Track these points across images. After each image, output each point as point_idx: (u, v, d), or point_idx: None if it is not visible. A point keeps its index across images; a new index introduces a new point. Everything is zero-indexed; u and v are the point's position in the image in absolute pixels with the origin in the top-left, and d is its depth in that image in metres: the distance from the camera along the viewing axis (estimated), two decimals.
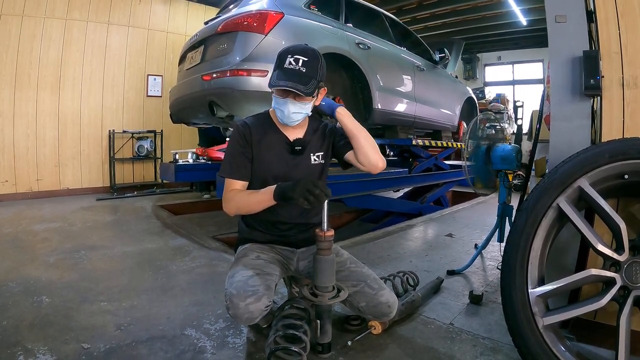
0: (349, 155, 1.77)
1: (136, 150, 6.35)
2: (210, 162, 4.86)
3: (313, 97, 1.66)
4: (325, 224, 1.55)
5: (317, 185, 1.47)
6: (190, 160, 4.89)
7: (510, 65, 10.98)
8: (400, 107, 4.25)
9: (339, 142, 1.81)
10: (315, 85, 1.62)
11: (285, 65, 1.58)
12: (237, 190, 1.69)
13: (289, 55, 1.59)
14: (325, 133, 1.85)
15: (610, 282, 1.32)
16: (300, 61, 1.59)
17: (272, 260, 1.73)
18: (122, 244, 3.24)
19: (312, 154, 1.80)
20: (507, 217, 2.64)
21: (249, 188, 1.73)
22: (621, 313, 1.28)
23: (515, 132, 8.53)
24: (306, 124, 1.81)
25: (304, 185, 1.46)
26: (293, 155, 1.76)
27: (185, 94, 3.53)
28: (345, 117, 1.71)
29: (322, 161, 1.82)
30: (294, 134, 1.78)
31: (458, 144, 5.64)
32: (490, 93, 10.28)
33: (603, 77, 1.63)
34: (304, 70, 1.59)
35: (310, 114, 1.73)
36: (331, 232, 1.55)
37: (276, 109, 1.68)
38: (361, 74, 3.64)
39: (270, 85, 1.59)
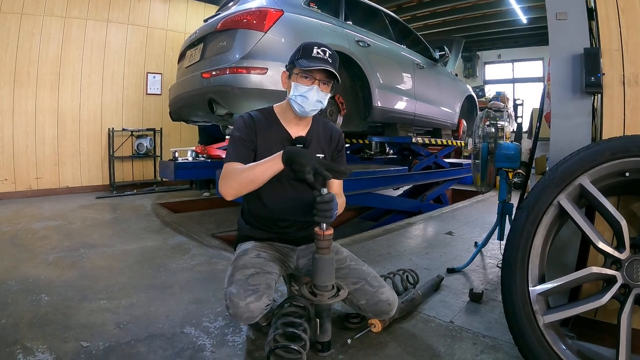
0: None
1: (136, 148, 6.34)
2: (209, 160, 4.86)
3: (332, 89, 1.73)
4: (324, 224, 1.53)
5: (330, 167, 1.48)
6: (190, 158, 4.89)
7: (510, 64, 10.99)
8: (400, 104, 4.25)
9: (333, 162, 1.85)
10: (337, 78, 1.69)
11: (313, 54, 1.63)
12: (236, 166, 1.62)
13: (315, 47, 1.65)
14: (332, 139, 1.87)
15: (611, 280, 1.32)
16: (327, 53, 1.66)
17: (272, 258, 1.72)
18: (121, 242, 3.23)
19: (314, 154, 1.78)
20: (507, 215, 2.64)
21: None
22: (622, 311, 1.28)
23: (515, 130, 8.52)
24: (310, 122, 1.82)
25: (318, 160, 1.47)
26: None
27: (185, 92, 3.52)
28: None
29: None
30: (297, 131, 1.78)
31: (458, 142, 5.64)
32: (490, 91, 10.29)
33: (604, 74, 1.63)
34: (331, 61, 1.65)
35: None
36: (330, 231, 1.53)
37: (296, 97, 1.67)
38: (361, 71, 3.63)
39: (302, 66, 1.61)
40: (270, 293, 1.52)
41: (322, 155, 1.81)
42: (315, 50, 1.64)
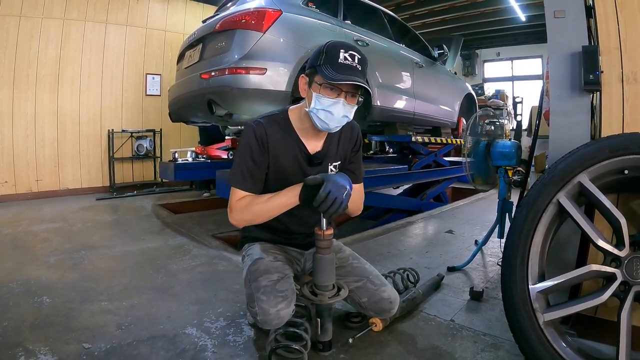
0: None
1: (135, 149, 6.33)
2: (209, 161, 4.86)
3: (360, 102, 1.53)
4: (324, 223, 1.52)
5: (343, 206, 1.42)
6: (190, 159, 4.89)
7: (509, 62, 10.96)
8: (400, 103, 4.24)
9: (348, 165, 1.78)
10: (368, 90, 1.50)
11: (340, 60, 1.42)
12: (251, 198, 1.54)
13: (342, 50, 1.43)
14: (351, 137, 1.74)
15: (611, 277, 1.32)
16: (356, 58, 1.45)
17: (286, 261, 1.71)
18: (122, 244, 3.24)
19: (329, 164, 1.70)
20: (507, 213, 2.64)
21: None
22: (622, 309, 1.28)
23: (514, 128, 8.53)
24: (326, 133, 1.65)
25: (339, 203, 1.39)
26: (311, 167, 1.65)
27: (184, 93, 3.52)
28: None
29: (338, 171, 1.72)
30: (314, 146, 1.65)
31: (457, 140, 5.64)
32: (490, 89, 10.27)
33: (602, 72, 1.63)
34: (360, 69, 1.46)
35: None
36: (330, 231, 1.53)
37: (319, 111, 1.47)
38: None
39: (327, 77, 1.40)
40: (294, 298, 1.52)
41: (339, 163, 1.73)
42: (342, 55, 1.42)
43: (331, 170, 1.70)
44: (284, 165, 1.61)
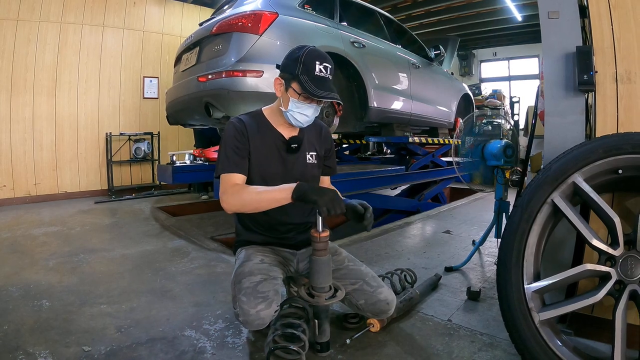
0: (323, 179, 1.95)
1: (133, 152, 6.33)
2: (207, 163, 4.86)
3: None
4: (320, 225, 1.54)
5: (341, 204, 1.46)
6: (188, 162, 4.89)
7: (506, 61, 11.02)
8: (397, 104, 4.26)
9: (326, 162, 1.91)
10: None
11: (316, 73, 1.59)
12: (243, 185, 1.63)
13: (317, 62, 1.59)
14: (322, 136, 1.89)
15: (606, 276, 1.33)
16: (328, 69, 1.62)
17: (275, 262, 1.73)
18: (121, 247, 3.24)
19: (307, 153, 1.81)
20: (504, 213, 2.65)
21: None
22: (617, 307, 1.29)
23: (511, 127, 8.53)
24: None
25: (333, 197, 1.45)
26: (289, 153, 1.76)
27: (181, 96, 3.53)
28: None
29: (315, 161, 1.84)
30: (289, 133, 1.78)
31: (454, 140, 5.65)
32: (487, 89, 10.30)
33: (597, 72, 1.64)
34: (330, 78, 1.64)
35: None
36: (326, 233, 1.54)
37: (293, 112, 1.65)
38: (356, 72, 3.64)
39: (311, 94, 1.57)
40: (278, 299, 1.54)
41: (316, 154, 1.84)
42: (317, 67, 1.58)
43: (309, 159, 1.81)
44: (263, 153, 1.72)
